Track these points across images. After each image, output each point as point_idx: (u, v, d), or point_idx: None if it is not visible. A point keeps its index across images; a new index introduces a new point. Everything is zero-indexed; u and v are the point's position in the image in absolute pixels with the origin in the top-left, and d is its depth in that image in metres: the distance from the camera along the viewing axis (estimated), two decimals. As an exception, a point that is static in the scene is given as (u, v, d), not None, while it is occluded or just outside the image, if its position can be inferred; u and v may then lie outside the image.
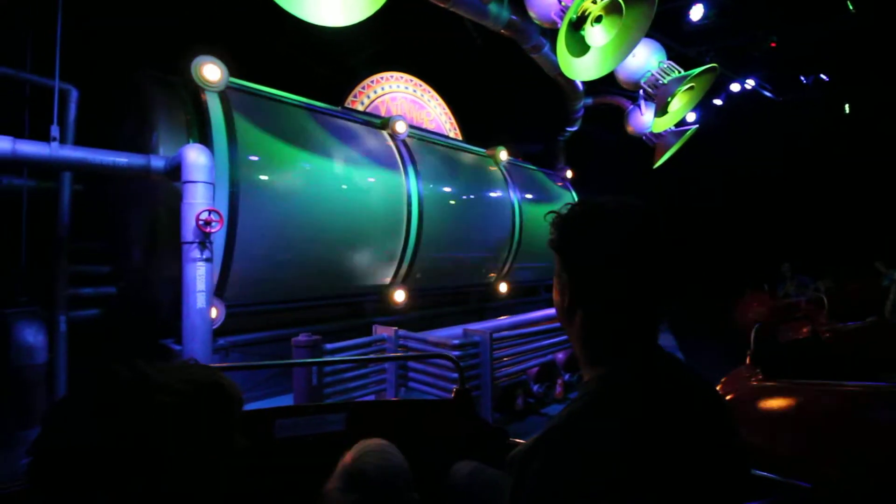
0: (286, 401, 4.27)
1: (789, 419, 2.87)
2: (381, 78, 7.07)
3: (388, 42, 7.98)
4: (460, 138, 8.06)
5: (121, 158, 3.63)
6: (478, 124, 8.62)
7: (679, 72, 6.24)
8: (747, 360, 3.47)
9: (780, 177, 12.90)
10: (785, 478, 1.30)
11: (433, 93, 7.88)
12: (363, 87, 6.78)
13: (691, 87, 6.28)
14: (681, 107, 6.50)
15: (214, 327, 3.84)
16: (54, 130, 3.59)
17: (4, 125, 3.82)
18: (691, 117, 9.11)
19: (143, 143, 4.15)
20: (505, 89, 9.84)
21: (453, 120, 8.13)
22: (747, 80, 10.28)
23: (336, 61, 7.92)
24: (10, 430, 3.62)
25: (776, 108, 11.27)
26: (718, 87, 10.18)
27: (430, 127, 7.57)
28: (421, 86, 7.68)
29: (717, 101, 10.77)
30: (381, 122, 6.29)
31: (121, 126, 4.59)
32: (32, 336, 3.65)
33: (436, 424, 2.18)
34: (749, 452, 0.84)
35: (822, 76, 10.36)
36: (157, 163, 3.76)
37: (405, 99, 7.38)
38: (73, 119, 4.19)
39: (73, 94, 4.19)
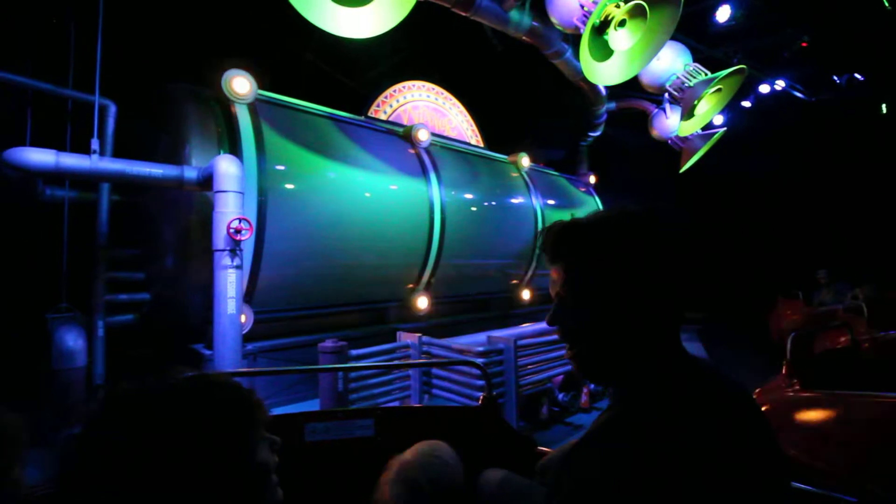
0: (312, 406, 4.32)
1: (829, 431, 2.75)
2: (403, 87, 7.16)
3: (410, 51, 8.10)
4: (482, 145, 8.08)
5: (156, 170, 3.77)
6: (499, 131, 8.63)
7: (706, 74, 6.13)
8: (783, 371, 3.34)
9: (812, 180, 12.46)
10: (828, 491, 1.25)
11: (454, 100, 7.93)
12: (385, 97, 6.88)
13: (719, 90, 6.16)
14: (708, 110, 6.38)
15: (243, 333, 3.92)
16: (94, 144, 3.76)
17: (48, 139, 4.04)
18: (718, 120, 8.91)
19: (176, 155, 4.30)
20: (526, 95, 9.84)
21: (475, 127, 8.16)
22: (777, 81, 10.01)
23: (359, 72, 8.07)
24: (51, 430, 3.78)
25: (808, 109, 10.92)
26: (747, 89, 9.93)
27: (452, 134, 7.62)
28: (442, 94, 7.74)
29: (746, 104, 10.50)
30: (403, 131, 6.36)
31: (155, 138, 4.76)
32: (73, 341, 3.81)
33: (462, 431, 2.18)
34: (789, 462, 0.80)
35: (857, 75, 9.99)
36: (190, 173, 3.88)
37: (427, 107, 7.44)
38: (112, 132, 4.37)
39: (112, 109, 4.38)
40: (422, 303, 5.98)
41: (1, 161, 3.35)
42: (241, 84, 4.56)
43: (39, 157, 3.38)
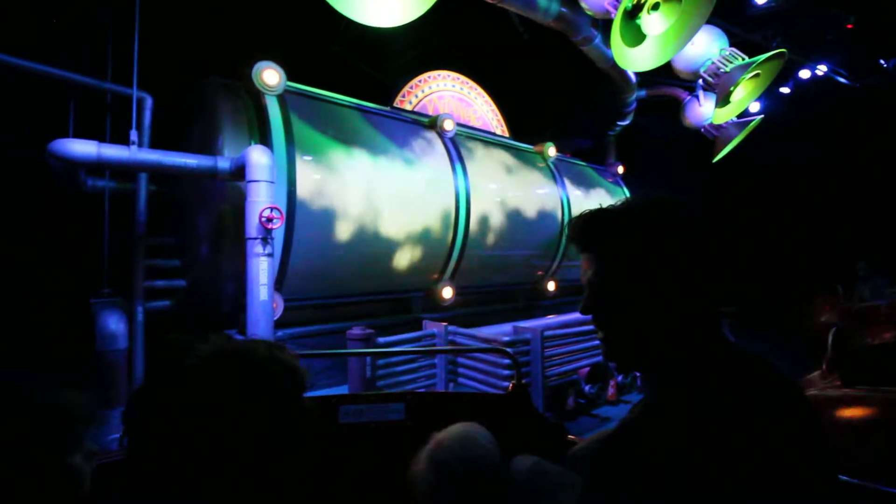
0: (341, 392, 4.41)
1: (871, 428, 2.65)
2: (429, 77, 7.13)
3: (435, 41, 8.04)
4: (507, 135, 8.00)
5: (191, 160, 3.88)
6: (525, 121, 8.52)
7: (743, 59, 5.88)
8: (823, 367, 3.23)
9: (854, 169, 11.86)
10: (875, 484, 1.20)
11: (480, 90, 7.86)
12: (411, 87, 6.87)
13: (756, 75, 5.91)
14: (744, 96, 6.13)
15: (274, 319, 4.02)
16: (133, 135, 3.89)
17: (89, 131, 4.19)
18: (755, 107, 8.57)
19: (209, 146, 4.41)
20: (552, 85, 9.66)
21: (500, 117, 8.08)
22: (819, 66, 9.53)
23: (384, 63, 8.07)
24: (95, 410, 3.97)
25: (852, 94, 10.38)
26: (785, 74, 9.50)
27: (477, 124, 7.56)
28: (467, 83, 7.69)
29: (785, 90, 10.05)
30: (429, 121, 6.35)
31: (189, 130, 4.89)
32: (115, 324, 3.98)
33: (492, 418, 2.19)
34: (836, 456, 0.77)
35: (907, 59, 9.44)
36: (223, 164, 3.98)
37: (452, 97, 7.41)
38: (149, 124, 4.50)
39: (148, 102, 4.51)
40: (446, 293, 6.00)
41: (46, 152, 3.50)
42: (270, 76, 4.63)
43: (82, 148, 3.52)
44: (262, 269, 3.65)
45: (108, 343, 3.94)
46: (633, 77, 7.60)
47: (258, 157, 3.76)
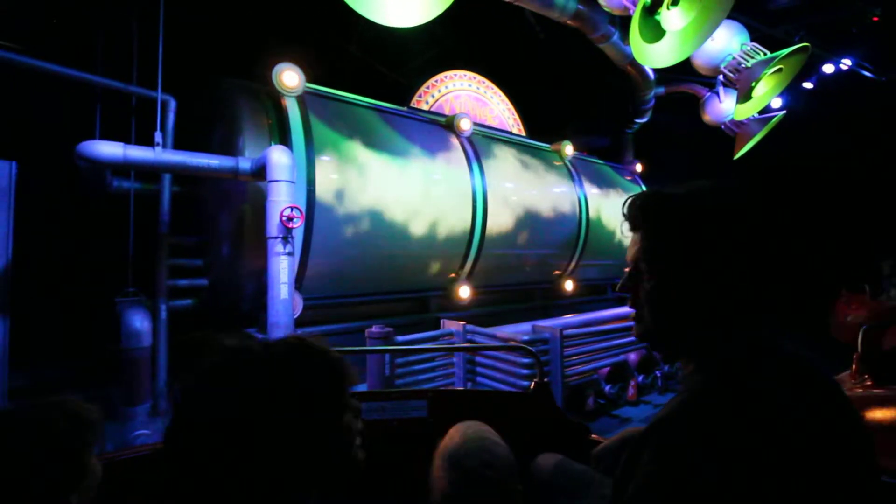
0: (360, 390, 4.43)
1: (906, 431, 2.56)
2: (445, 77, 7.14)
3: (451, 41, 8.06)
4: (524, 134, 7.97)
5: (213, 161, 3.94)
6: (542, 120, 8.48)
7: (764, 54, 5.77)
8: (853, 367, 3.14)
9: (879, 165, 11.52)
10: None
11: (496, 89, 7.84)
12: (427, 87, 6.89)
13: (779, 70, 5.80)
14: (766, 92, 6.02)
15: (294, 318, 4.06)
16: (158, 137, 3.97)
17: (114, 132, 4.30)
18: (776, 103, 8.37)
19: (230, 147, 4.49)
20: (569, 83, 9.59)
21: (516, 116, 8.05)
22: (843, 60, 9.29)
23: (401, 63, 8.11)
24: (120, 406, 4.06)
25: (877, 89, 10.08)
26: (808, 69, 9.26)
27: (494, 123, 7.55)
28: (483, 82, 7.68)
29: (807, 85, 9.81)
30: (445, 121, 6.36)
31: (210, 131, 4.98)
32: (139, 322, 4.06)
33: (514, 416, 2.18)
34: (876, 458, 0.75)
35: (937, 52, 9.14)
36: (245, 164, 4.04)
37: (468, 96, 7.41)
38: (172, 126, 4.59)
39: (172, 104, 4.60)
40: (464, 292, 6.00)
41: (75, 154, 3.59)
42: (290, 77, 4.68)
43: (109, 149, 3.60)
44: (282, 268, 3.69)
45: (133, 341, 4.02)
46: (651, 74, 7.52)
47: (279, 157, 3.81)
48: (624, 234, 0.92)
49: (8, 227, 3.85)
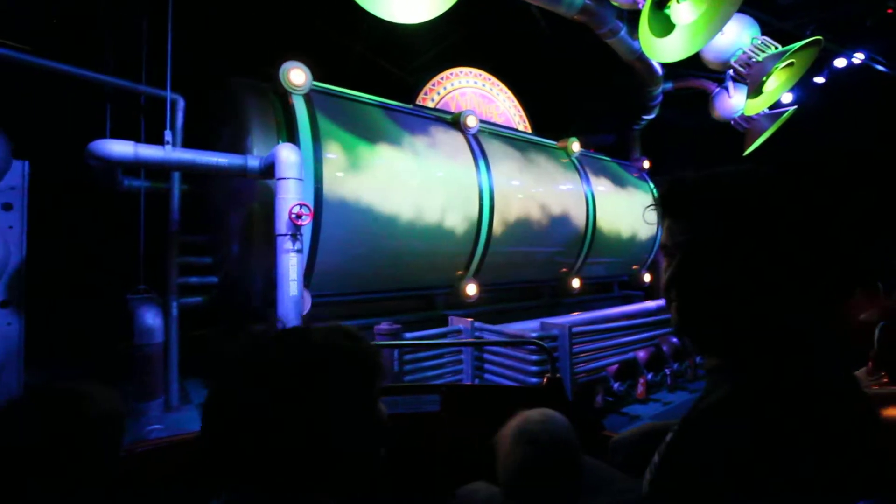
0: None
1: (923, 429, 2.53)
2: (451, 74, 7.13)
3: (456, 38, 8.04)
4: (530, 131, 7.94)
5: (222, 159, 3.97)
6: (548, 117, 8.44)
7: (775, 48, 5.70)
8: (869, 364, 3.10)
9: (892, 161, 11.34)
10: None
11: (502, 86, 7.82)
12: (433, 85, 6.88)
13: (790, 64, 5.72)
14: (777, 86, 5.94)
15: (303, 314, 4.08)
16: (167, 135, 4.00)
17: (124, 132, 4.34)
18: (787, 98, 8.27)
19: (239, 145, 4.50)
20: (575, 80, 9.54)
21: (522, 112, 8.01)
22: (855, 54, 9.15)
23: (406, 61, 8.11)
24: (133, 401, 4.10)
25: (891, 83, 9.93)
26: (820, 63, 9.14)
27: (500, 120, 7.52)
28: (489, 79, 7.65)
29: (819, 79, 9.68)
30: (451, 118, 6.35)
31: (218, 130, 5.01)
32: (151, 319, 4.10)
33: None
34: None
35: (952, 45, 8.98)
36: (253, 162, 4.06)
37: (474, 93, 7.39)
38: (181, 125, 4.63)
39: (181, 103, 4.64)
40: (470, 289, 5.99)
41: (86, 153, 3.63)
42: (297, 75, 4.70)
43: (120, 148, 3.63)
44: (291, 265, 3.70)
45: (145, 337, 4.06)
46: (659, 69, 7.45)
47: (287, 155, 3.82)
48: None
49: (22, 225, 3.91)
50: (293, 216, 3.66)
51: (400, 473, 1.94)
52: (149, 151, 3.74)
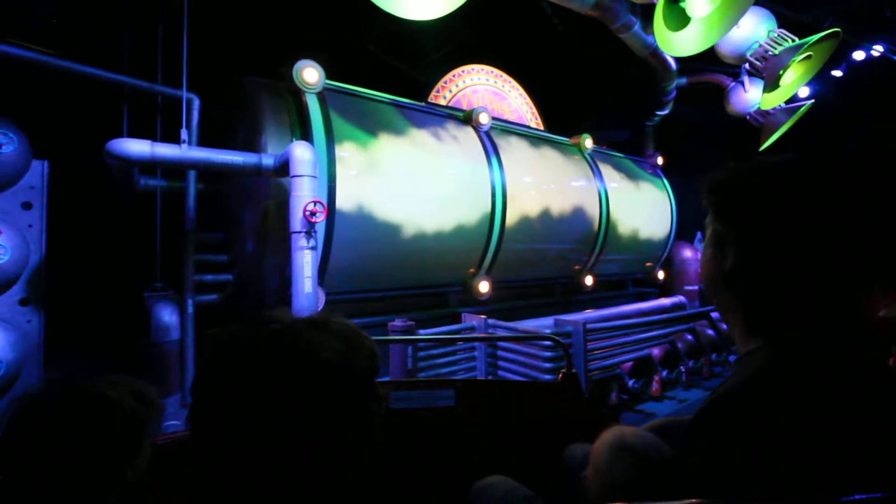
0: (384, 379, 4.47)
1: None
2: (462, 71, 7.11)
3: (468, 35, 8.02)
4: (542, 128, 7.90)
5: (237, 158, 4.00)
6: (560, 113, 8.38)
7: (792, 40, 5.61)
8: (890, 361, 3.05)
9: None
10: None
11: (514, 83, 7.78)
12: (445, 82, 6.87)
13: (807, 58, 5.62)
14: (794, 80, 5.85)
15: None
16: (184, 134, 4.04)
17: (140, 131, 4.40)
18: (804, 92, 8.12)
19: (253, 144, 4.54)
20: (588, 76, 9.46)
21: (534, 109, 7.97)
22: (875, 47, 8.95)
23: (418, 59, 8.11)
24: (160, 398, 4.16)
25: (912, 76, 9.69)
26: (838, 56, 8.94)
27: (512, 117, 7.50)
28: (501, 76, 7.62)
29: (837, 73, 9.49)
30: (464, 115, 6.34)
31: (233, 128, 5.05)
32: (168, 316, 4.16)
33: (542, 406, 2.17)
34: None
35: (976, 36, 8.74)
36: (268, 161, 4.09)
37: (486, 91, 7.36)
38: (196, 124, 4.68)
39: (196, 102, 4.68)
40: (483, 287, 5.98)
41: (104, 152, 3.68)
42: (310, 74, 4.72)
43: (138, 147, 3.68)
44: (306, 262, 3.73)
45: (162, 334, 4.12)
46: (673, 64, 7.37)
47: (301, 153, 3.85)
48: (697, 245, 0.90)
49: (41, 224, 3.98)
50: (307, 213, 3.68)
51: (415, 468, 1.95)
52: (165, 150, 3.78)
